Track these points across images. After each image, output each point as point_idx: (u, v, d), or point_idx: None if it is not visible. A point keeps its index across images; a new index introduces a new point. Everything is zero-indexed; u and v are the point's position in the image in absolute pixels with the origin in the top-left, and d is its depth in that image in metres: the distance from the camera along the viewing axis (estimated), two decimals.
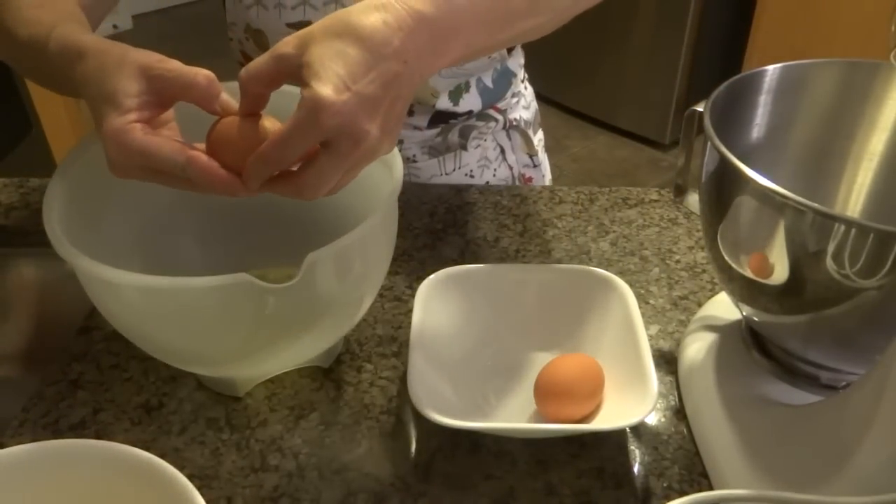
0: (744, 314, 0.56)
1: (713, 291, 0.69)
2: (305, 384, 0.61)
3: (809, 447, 0.48)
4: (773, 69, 0.55)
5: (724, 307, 0.63)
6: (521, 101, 0.92)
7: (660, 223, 0.78)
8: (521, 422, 0.57)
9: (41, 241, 0.50)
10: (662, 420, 0.58)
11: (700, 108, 0.52)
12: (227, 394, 0.60)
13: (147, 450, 0.42)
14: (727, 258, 0.51)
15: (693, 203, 0.58)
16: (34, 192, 0.83)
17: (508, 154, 0.92)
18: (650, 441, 0.56)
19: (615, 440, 0.56)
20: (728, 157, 0.46)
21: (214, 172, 0.44)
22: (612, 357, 0.58)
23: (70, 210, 0.53)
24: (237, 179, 0.45)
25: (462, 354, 0.60)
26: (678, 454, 0.55)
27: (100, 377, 0.62)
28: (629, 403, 0.53)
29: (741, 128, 0.56)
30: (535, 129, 0.95)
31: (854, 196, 0.59)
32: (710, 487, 0.53)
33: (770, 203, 0.44)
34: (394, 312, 0.67)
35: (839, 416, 0.47)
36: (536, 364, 0.59)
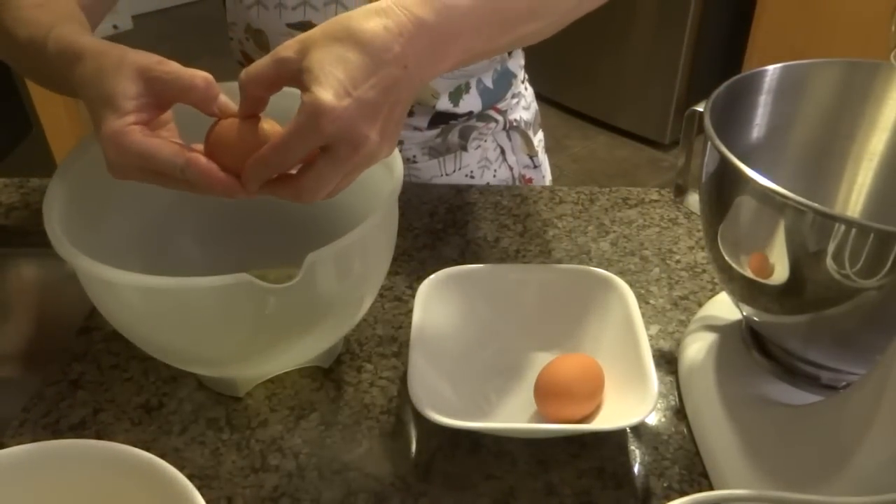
0: (744, 314, 0.56)
1: (713, 291, 0.69)
2: (306, 384, 0.61)
3: (809, 447, 0.48)
4: (773, 69, 0.55)
5: (725, 307, 0.63)
6: (522, 102, 0.92)
7: (660, 223, 0.78)
8: (522, 422, 0.57)
9: (41, 241, 0.50)
10: (663, 420, 0.58)
11: (700, 108, 0.52)
12: (228, 394, 0.60)
13: (147, 450, 0.42)
14: (727, 258, 0.51)
15: (693, 203, 0.58)
16: (34, 193, 0.83)
17: (509, 155, 0.92)
18: (650, 441, 0.56)
19: (615, 440, 0.56)
20: (728, 157, 0.46)
21: (213, 174, 0.44)
22: (613, 357, 0.58)
23: (70, 210, 0.53)
24: (236, 181, 0.45)
25: (462, 354, 0.60)
26: (678, 454, 0.55)
27: (100, 377, 0.62)
28: (629, 403, 0.53)
29: (741, 128, 0.56)
30: (536, 130, 0.95)
31: (854, 196, 0.59)
32: (710, 487, 0.53)
33: (770, 203, 0.44)
34: (394, 312, 0.67)
35: (839, 416, 0.47)
36: (537, 364, 0.59)
